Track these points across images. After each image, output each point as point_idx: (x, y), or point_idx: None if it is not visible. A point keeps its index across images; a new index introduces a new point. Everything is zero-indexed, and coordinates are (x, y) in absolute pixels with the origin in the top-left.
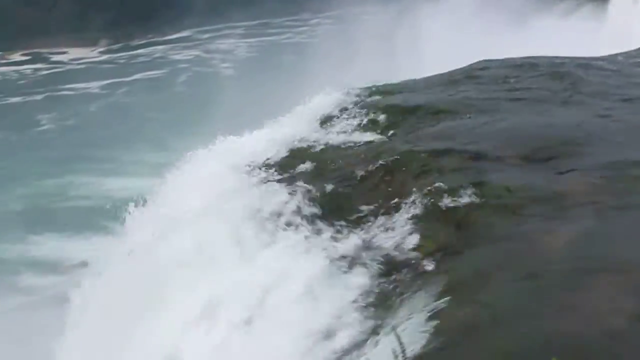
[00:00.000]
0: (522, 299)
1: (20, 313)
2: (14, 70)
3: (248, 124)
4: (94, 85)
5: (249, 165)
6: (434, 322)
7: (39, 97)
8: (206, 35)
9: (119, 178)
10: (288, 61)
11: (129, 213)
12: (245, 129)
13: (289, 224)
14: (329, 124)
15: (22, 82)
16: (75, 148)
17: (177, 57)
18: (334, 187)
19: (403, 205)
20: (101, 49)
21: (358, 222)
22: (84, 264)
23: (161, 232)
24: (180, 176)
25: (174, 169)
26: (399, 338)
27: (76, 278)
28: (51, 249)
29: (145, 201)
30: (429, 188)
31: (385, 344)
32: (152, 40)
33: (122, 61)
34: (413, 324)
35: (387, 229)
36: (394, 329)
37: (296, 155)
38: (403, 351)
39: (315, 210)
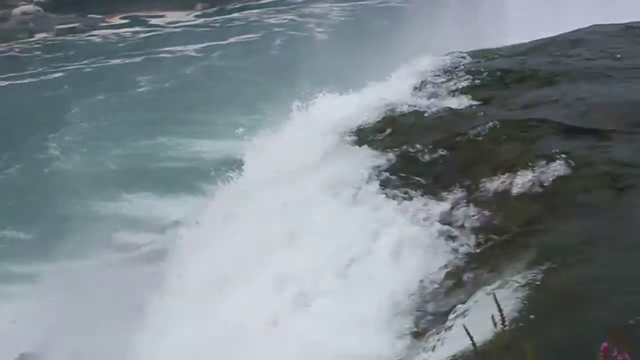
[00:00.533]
0: (619, 272)
1: (115, 269)
2: (113, 34)
3: (342, 88)
4: (190, 49)
5: (343, 129)
6: (529, 291)
7: (138, 59)
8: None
9: (211, 140)
10: (382, 25)
11: (228, 174)
12: (339, 93)
13: (381, 187)
14: (422, 89)
15: (122, 44)
16: (170, 110)
17: (272, 20)
18: (426, 152)
19: (497, 174)
20: (197, 13)
21: (449, 188)
22: (177, 223)
23: (258, 192)
24: (276, 139)
25: (270, 132)
26: (497, 303)
27: (170, 237)
28: (145, 208)
29: (242, 163)
30: (524, 157)
31: (481, 309)
32: (247, 4)
33: (217, 25)
34: (508, 291)
35: (479, 197)
36: (491, 293)
37: (389, 119)
38: (502, 317)
39: (407, 174)
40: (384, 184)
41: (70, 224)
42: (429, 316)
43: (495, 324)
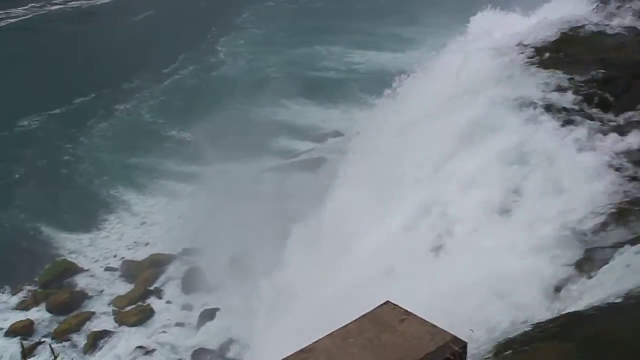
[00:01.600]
0: None
1: (275, 174)
2: None
3: (516, 3)
4: None
5: (516, 47)
6: None
7: None
8: None
9: (371, 51)
10: None
11: (394, 87)
12: (513, 8)
13: (553, 111)
14: (606, 8)
15: None
16: (328, 19)
17: None
18: (606, 77)
19: None
20: None
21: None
22: (337, 134)
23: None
24: (445, 55)
25: (439, 47)
26: None
27: (329, 146)
28: (304, 116)
29: (408, 76)
30: None
31: None
32: None
33: None
34: None
35: None
36: None
37: (567, 39)
38: None
39: (580, 99)
40: (553, 109)
41: (233, 127)
42: (593, 248)
43: None
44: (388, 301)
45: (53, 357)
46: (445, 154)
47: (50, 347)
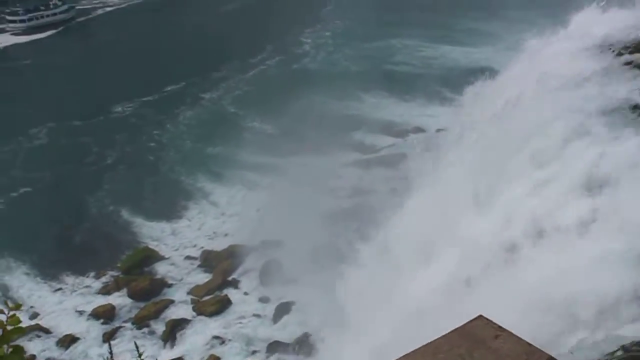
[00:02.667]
0: None
1: (354, 169)
2: None
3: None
4: None
5: (608, 47)
6: None
7: None
8: None
9: (445, 45)
10: None
11: (473, 84)
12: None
13: None
14: None
15: None
16: (408, 11)
17: None
18: None
19: None
20: None
21: None
22: (419, 130)
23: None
24: (532, 53)
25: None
26: None
27: (410, 143)
28: (384, 111)
29: (490, 74)
30: None
31: None
32: None
33: None
34: None
35: None
36: None
37: None
38: None
39: None
40: None
41: (312, 120)
42: None
43: None
44: (481, 315)
45: (138, 354)
46: (546, 153)
47: (135, 344)
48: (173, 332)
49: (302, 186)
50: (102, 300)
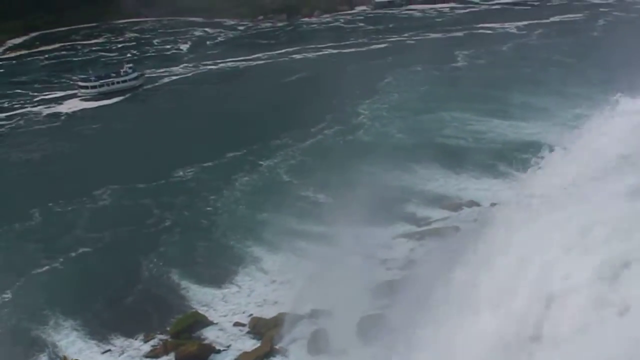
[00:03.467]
0: None
1: (407, 241)
2: (431, 9)
3: None
4: (510, 26)
5: None
6: None
7: (459, 34)
8: None
9: (496, 119)
10: None
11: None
12: None
13: None
14: None
15: (440, 19)
16: (464, 86)
17: (594, 0)
18: None
19: None
20: None
21: None
22: (473, 203)
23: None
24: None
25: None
26: None
27: (463, 216)
28: (437, 183)
29: (552, 149)
30: None
31: None
32: None
33: (536, 3)
34: None
35: None
36: None
37: None
38: None
39: None
40: None
41: (366, 190)
42: None
43: None
44: None
45: None
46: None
47: None
48: None
49: (353, 256)
50: None
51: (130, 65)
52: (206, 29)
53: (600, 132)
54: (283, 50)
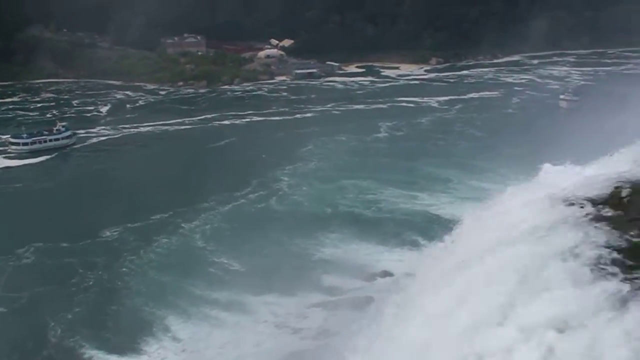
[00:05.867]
0: None
1: (321, 310)
2: (352, 81)
3: (575, 155)
4: (431, 100)
5: (571, 199)
6: None
7: (382, 105)
8: (535, 61)
9: (421, 193)
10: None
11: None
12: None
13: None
14: None
15: (361, 92)
16: (382, 157)
17: (509, 79)
18: None
19: None
20: (427, 68)
21: None
22: (386, 274)
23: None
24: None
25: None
26: None
27: (377, 286)
28: (353, 254)
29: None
30: None
31: None
32: (480, 62)
33: (451, 80)
34: None
35: None
36: None
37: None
38: None
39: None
40: (605, 268)
41: (280, 259)
42: None
43: None
44: None
45: None
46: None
47: None
48: None
49: (266, 325)
50: None
51: (64, 123)
52: (127, 92)
53: (501, 206)
54: (207, 116)
